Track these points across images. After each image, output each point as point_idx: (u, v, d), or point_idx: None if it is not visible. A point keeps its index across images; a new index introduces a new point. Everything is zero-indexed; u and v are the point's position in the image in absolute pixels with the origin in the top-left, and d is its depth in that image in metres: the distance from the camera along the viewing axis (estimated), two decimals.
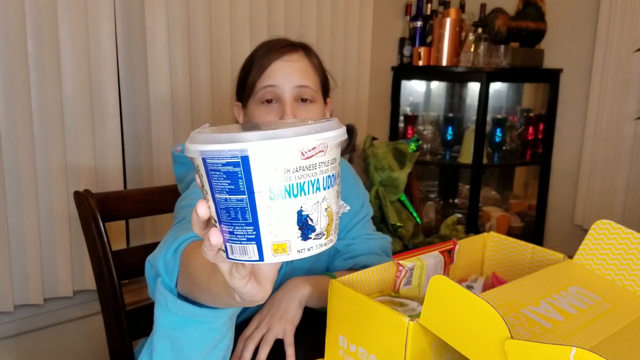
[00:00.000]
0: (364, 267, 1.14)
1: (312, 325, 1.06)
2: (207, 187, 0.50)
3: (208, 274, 0.63)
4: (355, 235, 1.19)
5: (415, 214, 1.83)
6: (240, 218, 0.48)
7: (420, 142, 1.82)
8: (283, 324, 0.90)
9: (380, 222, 1.78)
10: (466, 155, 2.66)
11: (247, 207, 0.48)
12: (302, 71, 1.04)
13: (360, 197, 1.23)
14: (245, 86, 1.06)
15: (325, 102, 1.12)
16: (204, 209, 0.50)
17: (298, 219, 0.48)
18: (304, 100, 1.04)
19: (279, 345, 0.99)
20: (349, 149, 1.74)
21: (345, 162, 1.26)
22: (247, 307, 0.93)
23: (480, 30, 2.68)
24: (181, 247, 0.76)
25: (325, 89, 1.11)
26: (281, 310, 0.93)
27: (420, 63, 2.66)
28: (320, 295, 0.98)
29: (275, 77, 1.01)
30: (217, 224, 0.50)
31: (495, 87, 2.91)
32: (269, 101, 1.02)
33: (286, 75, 1.02)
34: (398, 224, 1.77)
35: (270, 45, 1.05)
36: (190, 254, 0.72)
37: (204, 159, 0.48)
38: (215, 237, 0.49)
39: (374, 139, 1.82)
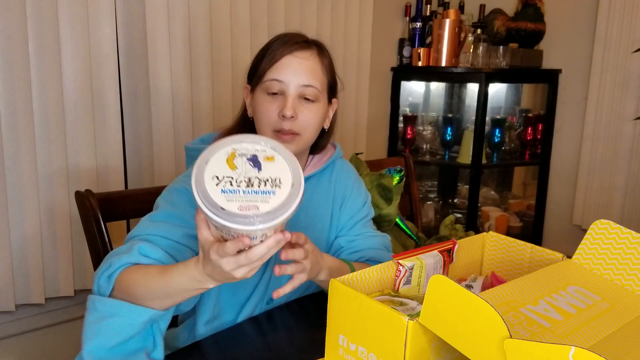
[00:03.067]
0: (369, 260, 1.18)
1: (312, 324, 1.06)
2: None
3: (160, 289, 0.84)
4: (358, 233, 1.22)
5: (412, 235, 1.83)
6: None
7: (403, 172, 1.77)
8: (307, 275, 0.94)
9: None
10: (465, 156, 2.66)
11: None
12: (311, 70, 1.06)
13: (362, 196, 1.26)
14: (256, 73, 1.08)
15: (330, 102, 1.15)
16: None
17: None
18: (306, 99, 1.06)
19: (278, 345, 1.00)
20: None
21: (346, 162, 1.28)
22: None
23: (479, 31, 2.69)
24: (114, 274, 0.89)
25: (331, 89, 1.14)
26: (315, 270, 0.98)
27: (420, 64, 2.67)
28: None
29: (284, 72, 1.04)
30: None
31: (495, 87, 2.92)
32: (274, 93, 1.05)
33: (294, 72, 1.04)
34: (419, 244, 1.79)
35: (286, 39, 1.07)
36: (130, 281, 0.87)
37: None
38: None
39: (357, 154, 1.79)
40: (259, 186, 0.69)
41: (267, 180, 0.69)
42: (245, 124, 1.14)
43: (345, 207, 1.22)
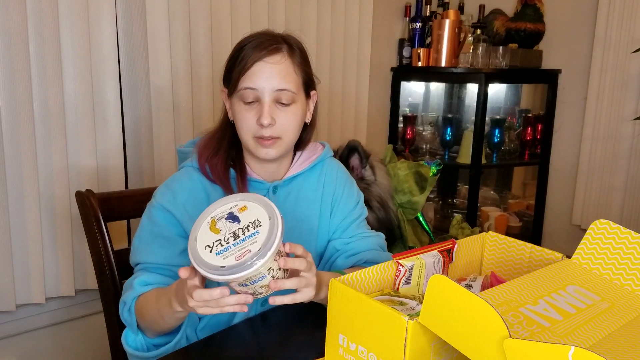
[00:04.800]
0: (367, 262, 1.17)
1: (312, 324, 1.06)
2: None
3: (156, 316, 0.96)
4: (352, 234, 1.21)
5: (429, 231, 1.85)
6: None
7: (441, 167, 1.83)
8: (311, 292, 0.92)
9: (399, 238, 1.79)
10: (465, 156, 2.66)
11: None
12: (283, 74, 1.05)
13: (354, 196, 1.25)
14: (230, 79, 1.08)
15: (309, 96, 1.14)
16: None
17: None
18: (283, 103, 1.06)
19: (278, 345, 1.00)
20: (363, 164, 1.72)
21: (336, 161, 1.27)
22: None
23: (479, 31, 2.69)
24: (132, 308, 1.00)
25: (307, 85, 1.13)
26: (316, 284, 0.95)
27: (420, 64, 2.67)
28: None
29: (257, 79, 1.04)
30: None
31: (494, 88, 2.92)
32: (250, 102, 1.06)
33: (266, 79, 1.04)
34: (434, 240, 1.81)
35: (255, 43, 1.06)
36: (140, 311, 1.00)
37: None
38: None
39: (394, 148, 1.83)
40: (243, 234, 0.80)
41: (248, 226, 0.80)
42: (228, 127, 1.14)
43: (337, 207, 1.21)
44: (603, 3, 2.51)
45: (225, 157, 1.11)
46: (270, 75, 1.04)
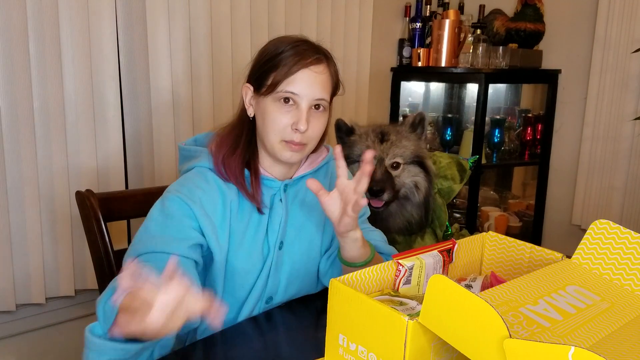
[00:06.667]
0: (376, 246, 1.22)
1: (312, 324, 1.06)
2: None
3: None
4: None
5: (448, 225, 1.88)
6: None
7: (475, 161, 1.91)
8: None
9: (428, 225, 1.81)
10: (465, 155, 2.66)
11: None
12: (323, 84, 1.10)
13: None
14: (265, 80, 1.09)
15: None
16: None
17: None
18: (316, 109, 1.10)
19: (278, 345, 1.00)
20: (423, 137, 1.78)
21: None
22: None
23: (479, 31, 2.69)
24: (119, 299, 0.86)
25: (333, 95, 1.17)
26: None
27: (420, 64, 2.67)
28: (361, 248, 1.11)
29: (300, 86, 1.07)
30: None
31: (494, 87, 2.92)
32: (286, 100, 1.07)
33: (309, 87, 1.07)
34: (450, 232, 1.84)
35: (300, 50, 1.08)
36: (128, 307, 0.81)
37: None
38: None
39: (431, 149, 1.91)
40: None
41: None
42: (245, 124, 1.15)
43: None
44: (603, 3, 2.51)
45: (242, 156, 1.12)
46: (312, 84, 1.08)
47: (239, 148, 1.12)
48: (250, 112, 1.13)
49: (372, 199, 1.58)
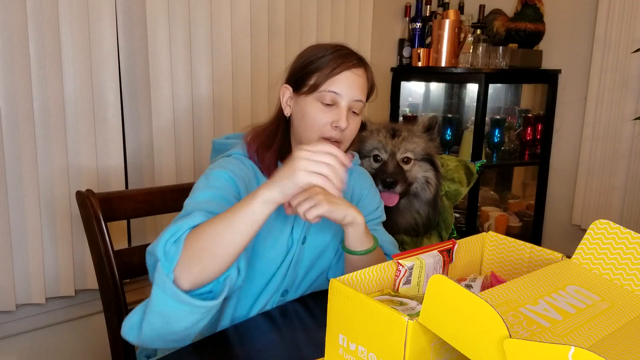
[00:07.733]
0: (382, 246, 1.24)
1: (312, 324, 1.06)
2: None
3: (224, 219, 0.88)
4: (372, 229, 1.29)
5: (453, 227, 1.89)
6: None
7: (482, 164, 1.94)
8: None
9: (435, 227, 1.82)
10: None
11: None
12: (362, 86, 1.17)
13: (376, 201, 1.36)
14: (307, 80, 1.15)
15: None
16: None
17: None
18: (354, 111, 1.17)
19: (278, 345, 1.00)
20: (434, 139, 1.80)
21: (364, 170, 1.39)
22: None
23: (479, 31, 2.69)
24: (183, 236, 0.89)
25: (368, 98, 1.23)
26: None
27: (420, 64, 2.67)
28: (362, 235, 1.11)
29: (343, 86, 1.14)
30: None
31: (494, 87, 2.92)
32: (328, 104, 1.14)
33: (350, 87, 1.14)
34: (455, 234, 1.85)
35: (343, 53, 1.16)
36: (195, 237, 0.88)
37: None
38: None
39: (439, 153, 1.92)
40: None
41: None
42: (282, 123, 1.20)
43: (361, 205, 1.30)
44: (603, 3, 2.51)
45: (277, 152, 1.17)
46: (354, 85, 1.15)
47: (274, 144, 1.17)
48: (287, 112, 1.19)
49: (385, 191, 1.59)
